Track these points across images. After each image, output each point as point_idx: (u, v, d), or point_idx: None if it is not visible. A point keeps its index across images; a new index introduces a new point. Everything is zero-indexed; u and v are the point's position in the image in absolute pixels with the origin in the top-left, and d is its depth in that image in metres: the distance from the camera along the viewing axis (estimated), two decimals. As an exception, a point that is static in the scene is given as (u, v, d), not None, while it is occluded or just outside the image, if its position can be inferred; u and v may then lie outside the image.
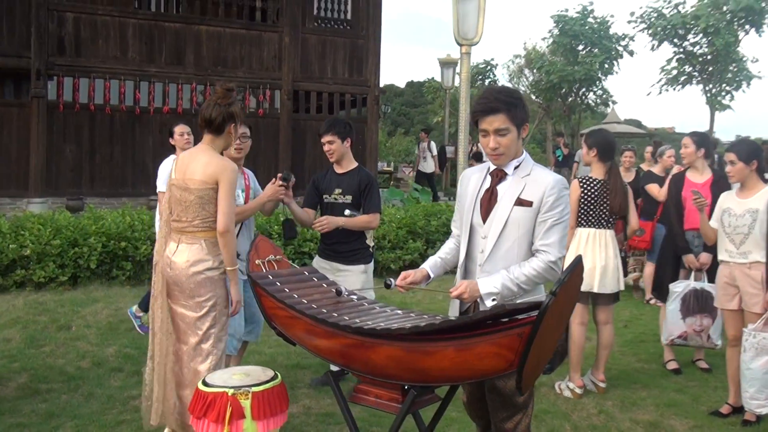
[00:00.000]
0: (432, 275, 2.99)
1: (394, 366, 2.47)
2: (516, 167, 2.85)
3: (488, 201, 2.86)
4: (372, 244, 4.78)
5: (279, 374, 2.92)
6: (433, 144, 16.46)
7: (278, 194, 4.26)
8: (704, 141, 5.35)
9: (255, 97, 13.36)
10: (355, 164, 4.72)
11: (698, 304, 4.99)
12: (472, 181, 2.98)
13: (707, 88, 19.69)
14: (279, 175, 4.31)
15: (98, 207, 9.37)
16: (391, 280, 2.86)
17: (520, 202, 2.78)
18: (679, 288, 5.11)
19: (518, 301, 2.62)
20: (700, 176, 5.26)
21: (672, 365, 5.34)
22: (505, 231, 2.79)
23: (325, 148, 4.65)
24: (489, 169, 2.94)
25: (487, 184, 2.90)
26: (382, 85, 14.86)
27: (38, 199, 11.19)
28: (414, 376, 2.46)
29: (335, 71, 13.98)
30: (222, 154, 3.63)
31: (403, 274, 2.92)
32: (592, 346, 5.26)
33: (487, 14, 9.13)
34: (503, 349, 2.20)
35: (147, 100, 12.30)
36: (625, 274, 5.01)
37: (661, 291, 5.44)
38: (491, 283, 2.71)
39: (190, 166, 3.48)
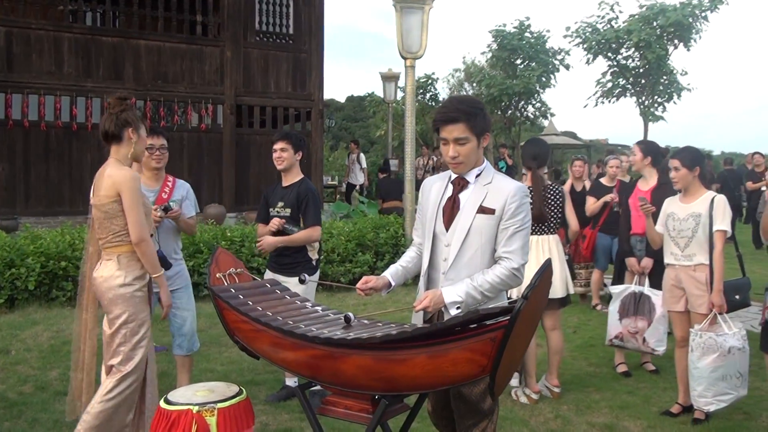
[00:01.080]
0: (393, 283, 2.99)
1: (364, 376, 2.46)
2: (477, 175, 2.89)
3: (451, 209, 2.88)
4: (316, 257, 4.79)
5: (244, 389, 2.86)
6: (362, 156, 16.47)
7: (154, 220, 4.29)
8: (650, 149, 5.52)
9: (197, 112, 13.16)
10: (299, 177, 4.78)
11: (634, 306, 5.13)
12: (433, 189, 3.00)
13: (640, 100, 20.36)
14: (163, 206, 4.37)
15: (34, 226, 9.04)
16: (351, 314, 2.81)
17: (482, 210, 2.81)
18: (618, 290, 5.29)
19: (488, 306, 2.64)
20: (646, 184, 5.44)
21: (622, 368, 5.47)
22: (468, 239, 2.81)
23: (276, 155, 4.70)
24: (450, 177, 2.97)
25: (449, 192, 2.93)
26: (324, 99, 14.86)
27: (-31, 220, 10.72)
28: (385, 386, 2.45)
29: (278, 85, 13.92)
30: (135, 163, 3.72)
31: (364, 278, 2.92)
32: (543, 353, 5.35)
33: (429, 29, 9.28)
34: (476, 354, 2.21)
35: (84, 116, 11.96)
36: (573, 278, 5.10)
37: None
38: (455, 292, 2.73)
39: (98, 183, 3.51)
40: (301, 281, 3.26)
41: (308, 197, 4.65)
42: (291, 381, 4.70)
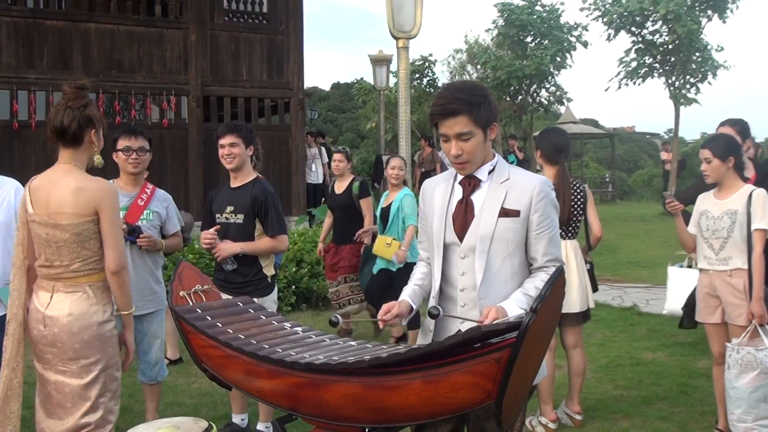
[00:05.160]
0: (414, 306, 2.95)
1: (351, 406, 2.48)
2: (490, 172, 2.85)
3: (464, 214, 2.84)
4: (272, 273, 4.68)
5: (214, 425, 2.88)
6: (323, 150, 16.54)
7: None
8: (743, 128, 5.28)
9: (158, 105, 13.17)
10: (252, 176, 4.66)
11: None
12: (437, 193, 2.95)
13: (670, 81, 20.45)
14: None
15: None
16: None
17: (505, 213, 2.77)
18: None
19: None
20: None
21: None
22: (493, 248, 2.77)
23: (225, 152, 4.53)
24: (456, 177, 2.92)
25: (459, 194, 2.89)
26: (305, 87, 14.89)
27: None
28: (375, 417, 2.47)
29: (252, 73, 13.94)
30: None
31: (384, 307, 2.86)
32: (562, 375, 5.37)
33: (424, 3, 9.33)
34: (480, 378, 2.23)
35: (27, 112, 11.95)
36: (594, 289, 5.11)
37: None
38: (517, 306, 2.67)
39: (54, 196, 3.17)
40: (333, 324, 2.84)
41: (267, 201, 4.50)
42: (238, 418, 4.76)
